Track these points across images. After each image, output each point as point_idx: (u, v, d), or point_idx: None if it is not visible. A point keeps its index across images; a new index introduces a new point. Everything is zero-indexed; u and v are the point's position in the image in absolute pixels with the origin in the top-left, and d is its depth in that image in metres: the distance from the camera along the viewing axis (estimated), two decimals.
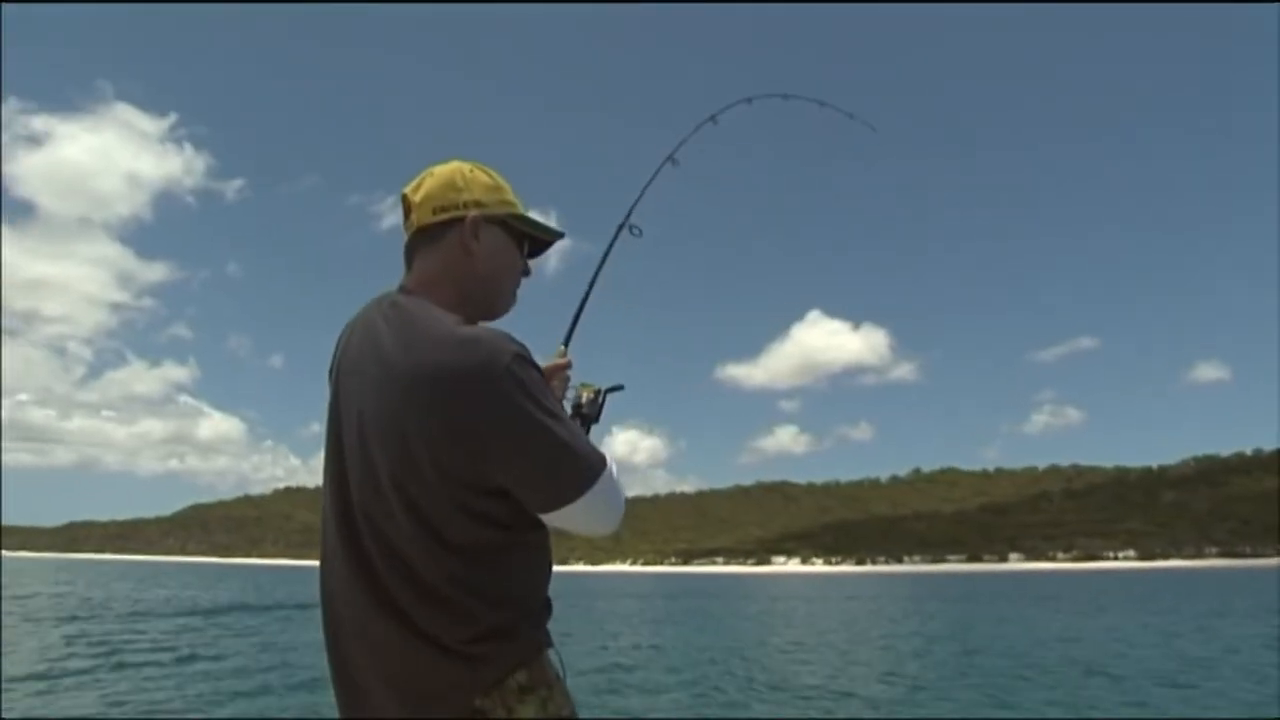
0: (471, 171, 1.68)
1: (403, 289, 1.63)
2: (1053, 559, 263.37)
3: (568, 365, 1.97)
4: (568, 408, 1.82)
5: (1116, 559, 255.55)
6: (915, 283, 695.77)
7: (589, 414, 1.85)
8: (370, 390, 1.49)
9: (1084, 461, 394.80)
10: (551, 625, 1.52)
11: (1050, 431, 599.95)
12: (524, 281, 1.77)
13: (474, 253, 1.62)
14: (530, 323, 1.75)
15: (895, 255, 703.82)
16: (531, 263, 1.79)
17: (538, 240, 1.78)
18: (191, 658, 16.54)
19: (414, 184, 1.67)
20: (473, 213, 1.63)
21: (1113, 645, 20.13)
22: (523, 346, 1.45)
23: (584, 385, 1.89)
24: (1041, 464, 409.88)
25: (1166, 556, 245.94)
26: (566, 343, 2.04)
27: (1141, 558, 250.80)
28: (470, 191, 1.64)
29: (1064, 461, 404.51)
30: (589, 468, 1.45)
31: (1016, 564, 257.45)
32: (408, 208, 1.67)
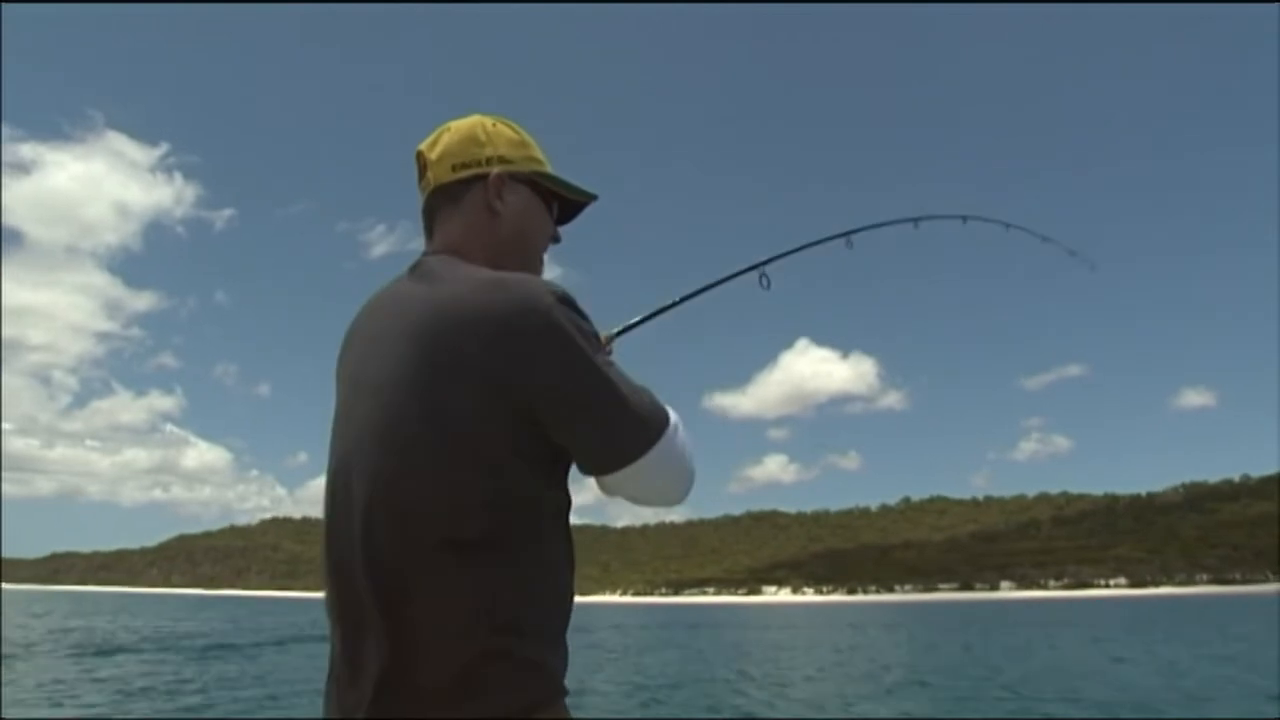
0: (495, 125, 1.48)
1: (425, 254, 1.43)
2: (1044, 587, 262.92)
3: (601, 348, 1.61)
4: None
5: (1108, 586, 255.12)
6: (903, 311, 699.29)
7: None
8: (378, 350, 1.31)
9: (1073, 489, 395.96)
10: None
11: (1039, 459, 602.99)
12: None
13: (499, 213, 1.42)
14: None
15: (882, 283, 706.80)
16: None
17: (568, 203, 1.56)
18: (147, 690, 15.74)
19: (430, 140, 1.48)
20: (496, 169, 1.43)
21: (1116, 675, 19.49)
22: (566, 291, 1.26)
23: None
24: (1031, 492, 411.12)
25: (1158, 584, 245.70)
26: (619, 334, 1.80)
27: (1133, 585, 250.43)
28: (494, 146, 1.45)
29: (1053, 489, 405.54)
30: (651, 423, 1.25)
31: (1008, 592, 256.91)
32: (423, 166, 1.47)
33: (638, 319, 1.88)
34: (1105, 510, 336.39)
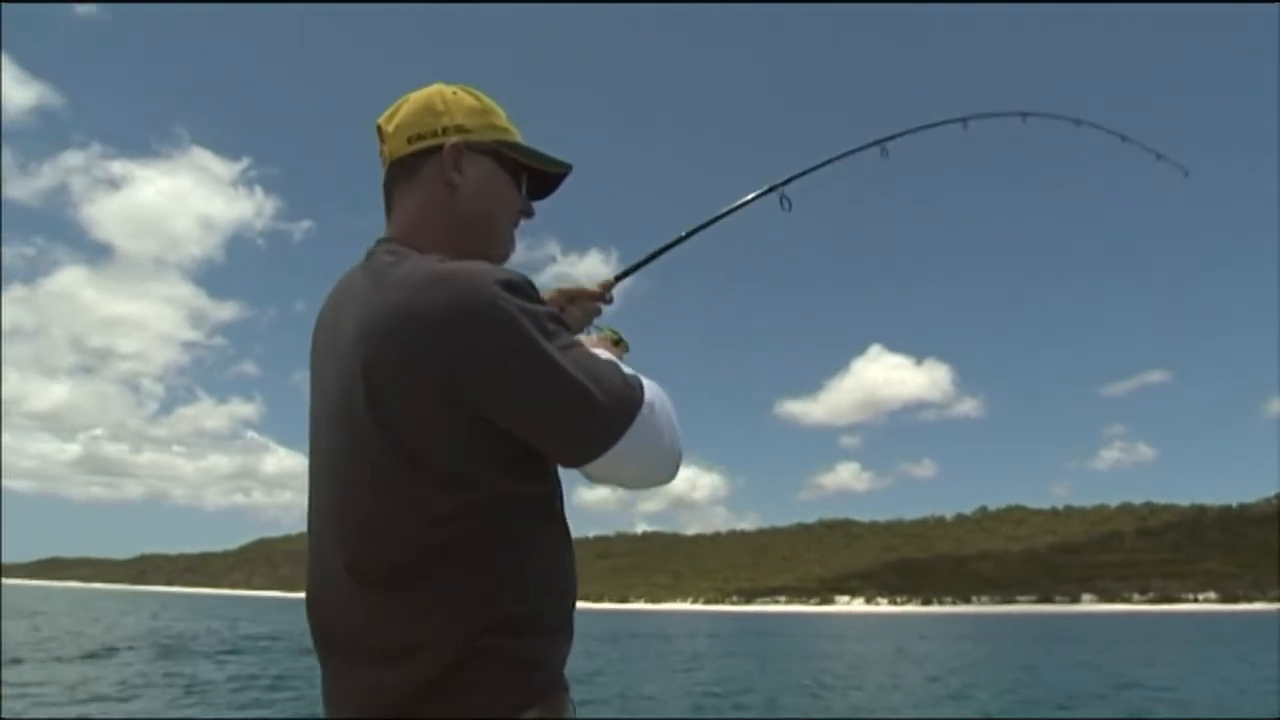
0: (455, 93, 1.38)
1: (380, 240, 1.35)
2: (1128, 600, 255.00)
3: (600, 295, 1.63)
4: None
5: (1196, 601, 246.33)
6: (979, 317, 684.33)
7: None
8: (332, 363, 1.25)
9: (1158, 499, 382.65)
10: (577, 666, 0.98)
11: (1121, 468, 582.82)
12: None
13: (457, 186, 1.33)
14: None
15: (958, 289, 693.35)
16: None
17: (541, 176, 1.45)
18: (218, 687, 16.28)
19: (388, 112, 1.39)
20: (453, 139, 1.34)
21: (1172, 688, 18.90)
22: (517, 274, 1.18)
23: (608, 330, 1.52)
24: (1113, 502, 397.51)
25: (1250, 599, 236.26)
26: (622, 277, 1.69)
27: (1223, 600, 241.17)
28: (451, 115, 1.35)
29: (1137, 499, 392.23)
30: (620, 405, 1.16)
31: (1090, 605, 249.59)
32: (382, 139, 1.38)
33: (644, 257, 1.75)
34: (1192, 522, 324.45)
